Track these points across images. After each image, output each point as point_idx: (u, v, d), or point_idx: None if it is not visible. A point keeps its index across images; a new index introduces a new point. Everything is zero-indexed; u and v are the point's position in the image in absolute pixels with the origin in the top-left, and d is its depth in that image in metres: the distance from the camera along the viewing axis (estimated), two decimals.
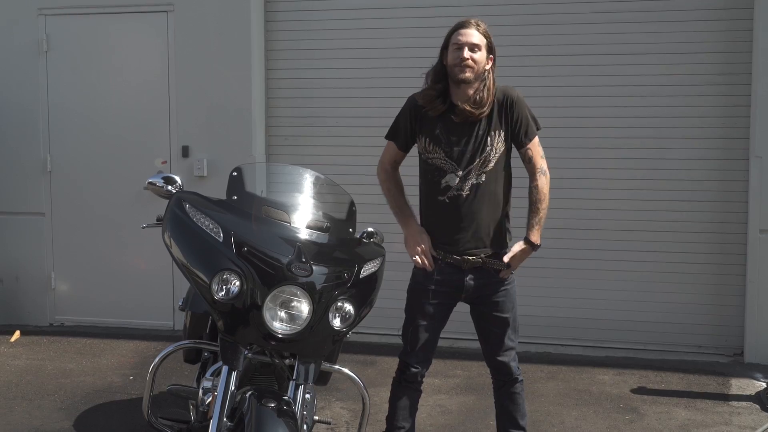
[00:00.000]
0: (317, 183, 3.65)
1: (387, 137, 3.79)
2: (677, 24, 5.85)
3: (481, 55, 3.51)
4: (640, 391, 5.22)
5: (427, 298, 3.61)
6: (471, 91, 3.53)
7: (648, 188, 5.95)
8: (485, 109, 3.54)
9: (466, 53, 3.48)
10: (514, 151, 3.66)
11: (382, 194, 3.84)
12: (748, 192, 5.75)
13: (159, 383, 3.77)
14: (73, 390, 5.18)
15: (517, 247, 3.59)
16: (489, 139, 3.54)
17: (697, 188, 5.91)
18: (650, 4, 5.89)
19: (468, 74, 3.49)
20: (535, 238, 3.59)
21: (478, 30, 3.53)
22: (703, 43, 5.83)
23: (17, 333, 6.45)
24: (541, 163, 3.63)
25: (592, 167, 6.03)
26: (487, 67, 3.55)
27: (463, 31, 3.53)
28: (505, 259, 3.57)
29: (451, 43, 3.55)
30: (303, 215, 3.42)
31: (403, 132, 3.70)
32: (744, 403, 4.99)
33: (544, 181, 3.61)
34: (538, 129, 3.65)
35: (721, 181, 5.87)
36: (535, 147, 3.62)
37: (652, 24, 5.88)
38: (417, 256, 3.61)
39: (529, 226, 3.60)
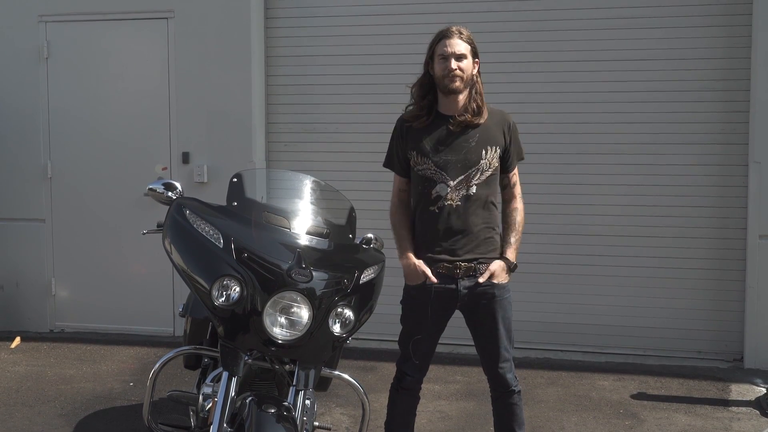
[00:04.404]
0: (317, 189, 3.66)
1: (384, 165, 3.79)
2: (676, 30, 5.86)
3: (467, 63, 3.54)
4: (639, 396, 5.21)
5: (424, 312, 3.58)
6: (462, 99, 3.56)
7: (647, 193, 5.96)
8: (483, 115, 3.57)
9: (453, 64, 3.50)
10: None
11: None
12: (747, 197, 5.76)
13: (159, 389, 3.78)
14: (73, 396, 5.18)
15: (495, 265, 3.56)
16: (484, 152, 3.54)
17: (696, 193, 5.91)
18: (649, 10, 5.90)
19: (457, 84, 3.52)
20: (512, 256, 3.59)
21: (461, 38, 3.54)
22: (703, 49, 5.84)
23: (17, 339, 6.46)
24: (520, 189, 3.72)
25: (591, 173, 6.04)
26: (474, 72, 3.58)
27: (447, 41, 3.53)
28: (481, 279, 3.53)
29: (436, 55, 3.56)
30: (303, 221, 3.42)
31: (397, 156, 3.69)
32: (744, 409, 4.99)
33: (522, 206, 3.70)
34: (522, 158, 3.72)
35: (721, 187, 5.88)
36: (517, 174, 3.72)
37: (651, 30, 5.89)
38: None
39: (506, 244, 3.61)
